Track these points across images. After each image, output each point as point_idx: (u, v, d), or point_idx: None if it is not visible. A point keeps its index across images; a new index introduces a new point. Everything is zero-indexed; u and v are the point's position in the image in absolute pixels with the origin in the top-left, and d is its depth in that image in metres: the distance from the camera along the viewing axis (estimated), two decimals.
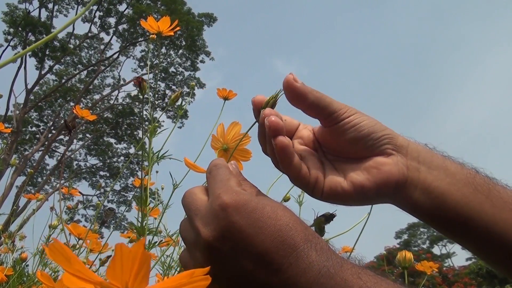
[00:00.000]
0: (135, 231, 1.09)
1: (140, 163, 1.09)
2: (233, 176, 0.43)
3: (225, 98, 1.31)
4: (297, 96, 0.48)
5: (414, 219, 0.53)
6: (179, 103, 1.20)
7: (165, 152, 1.12)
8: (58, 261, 0.27)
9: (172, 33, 1.20)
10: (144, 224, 1.06)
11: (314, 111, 0.49)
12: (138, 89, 1.00)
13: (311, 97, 0.48)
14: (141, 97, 1.02)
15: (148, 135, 1.08)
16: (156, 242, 1.03)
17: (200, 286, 0.27)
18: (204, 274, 0.27)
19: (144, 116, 1.08)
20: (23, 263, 1.72)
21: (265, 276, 0.35)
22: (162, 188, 1.83)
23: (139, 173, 1.11)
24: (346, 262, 0.36)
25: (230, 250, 0.36)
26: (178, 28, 1.22)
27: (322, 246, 0.36)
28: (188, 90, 14.80)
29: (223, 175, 0.43)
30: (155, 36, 1.18)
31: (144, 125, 1.13)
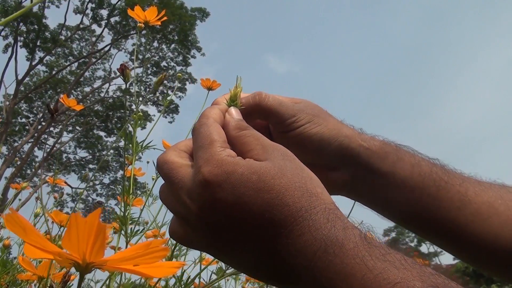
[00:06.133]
0: (118, 220, 1.08)
1: (123, 152, 1.09)
2: (217, 137, 0.37)
3: (209, 89, 1.31)
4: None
5: None
6: (168, 96, 1.20)
7: (149, 142, 1.12)
8: (15, 232, 0.26)
9: (159, 23, 1.19)
10: (126, 214, 1.05)
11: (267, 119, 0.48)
12: (121, 76, 1.00)
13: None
14: (126, 86, 1.02)
15: (133, 124, 1.08)
16: (138, 230, 1.03)
17: (157, 256, 0.26)
18: (161, 244, 0.26)
19: (128, 106, 1.08)
20: (6, 251, 1.71)
21: (258, 256, 0.33)
22: (154, 179, 1.81)
23: (129, 166, 1.11)
24: (348, 240, 0.30)
25: (219, 225, 0.34)
26: (165, 18, 1.21)
27: (317, 222, 0.31)
28: (179, 85, 14.75)
29: (204, 138, 0.37)
30: (143, 25, 1.17)
31: (129, 117, 1.12)
